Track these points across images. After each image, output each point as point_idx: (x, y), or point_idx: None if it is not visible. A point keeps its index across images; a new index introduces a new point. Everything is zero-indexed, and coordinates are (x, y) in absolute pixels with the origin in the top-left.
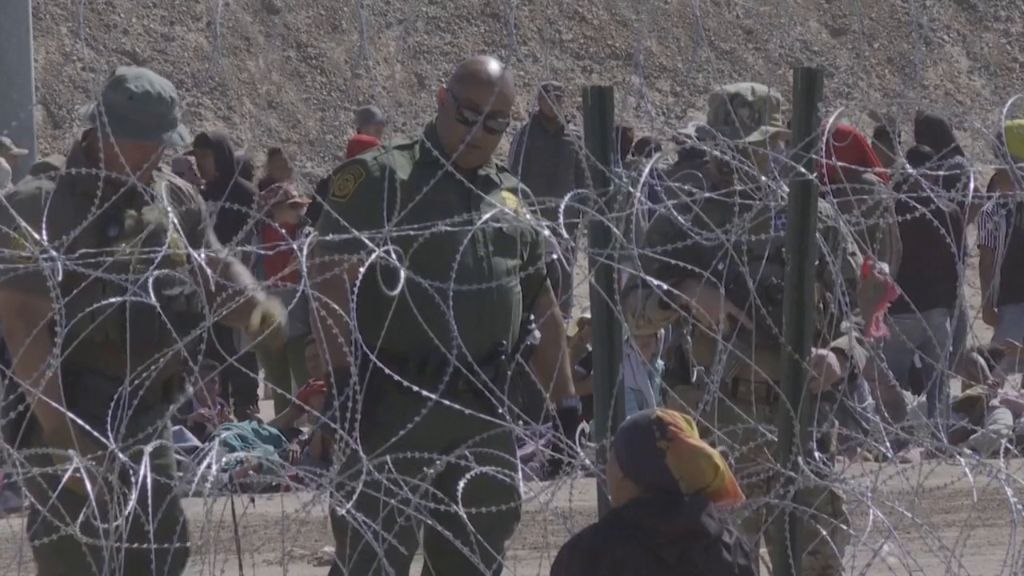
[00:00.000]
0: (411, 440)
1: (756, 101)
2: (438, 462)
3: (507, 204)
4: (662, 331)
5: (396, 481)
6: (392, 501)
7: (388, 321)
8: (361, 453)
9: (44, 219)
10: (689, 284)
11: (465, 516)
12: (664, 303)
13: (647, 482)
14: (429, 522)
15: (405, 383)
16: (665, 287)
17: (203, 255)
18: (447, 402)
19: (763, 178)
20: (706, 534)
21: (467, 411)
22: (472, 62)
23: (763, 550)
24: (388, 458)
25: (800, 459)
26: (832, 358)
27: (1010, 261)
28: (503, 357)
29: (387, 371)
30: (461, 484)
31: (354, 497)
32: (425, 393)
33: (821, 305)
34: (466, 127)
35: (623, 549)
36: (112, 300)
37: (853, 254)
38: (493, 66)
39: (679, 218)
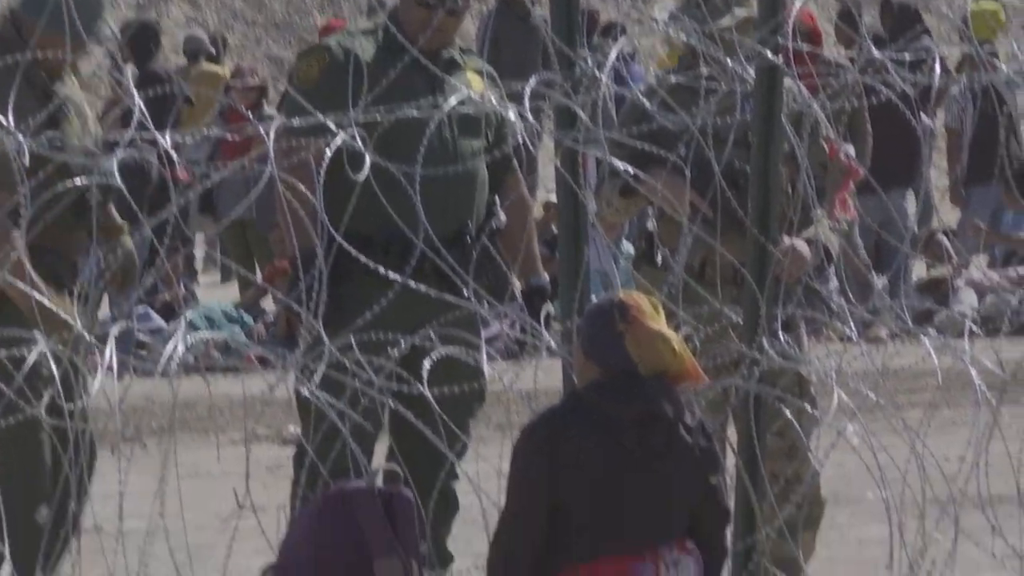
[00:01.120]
0: (376, 322)
1: None
2: (402, 343)
3: (472, 86)
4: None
5: (361, 362)
6: (356, 383)
7: (353, 205)
8: (324, 335)
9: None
10: (655, 171)
11: (430, 397)
12: (626, 190)
13: (607, 364)
14: (393, 404)
15: (370, 265)
16: (631, 170)
17: (168, 139)
18: (412, 284)
19: (729, 62)
20: (665, 417)
21: (432, 293)
22: None
23: (731, 431)
24: (352, 339)
25: (765, 340)
26: (802, 247)
27: (976, 143)
28: (468, 239)
29: (354, 253)
30: (427, 364)
31: (316, 376)
32: (392, 275)
33: (790, 190)
34: (427, 11)
35: (581, 432)
36: (80, 183)
37: (826, 138)
38: None
39: (645, 101)
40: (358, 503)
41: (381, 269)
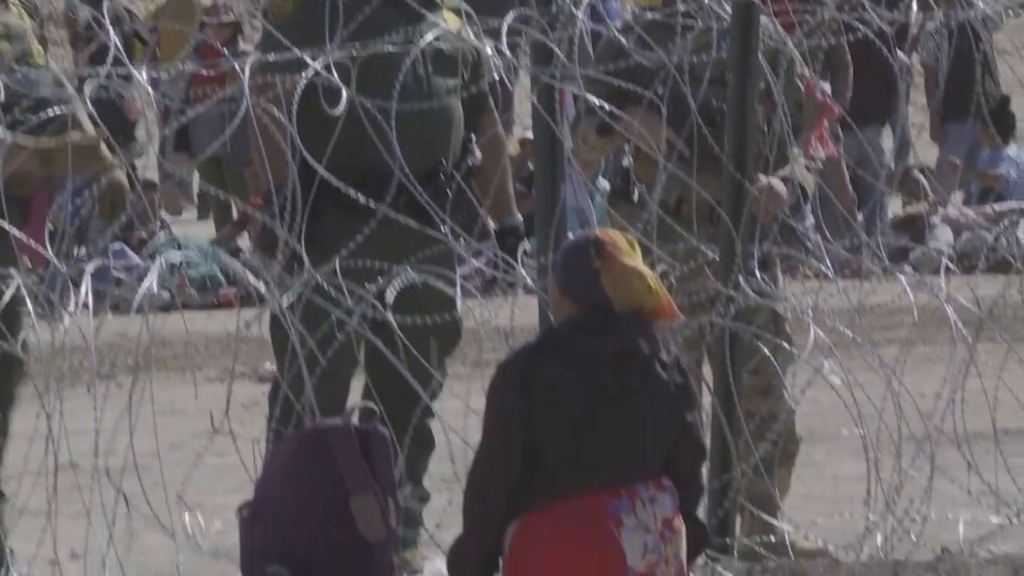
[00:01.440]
0: (351, 258)
1: None
2: (379, 278)
3: (448, 23)
4: None
5: (337, 295)
6: (334, 315)
7: (326, 139)
8: (305, 258)
9: None
10: (631, 109)
11: (405, 332)
12: (603, 128)
13: (583, 301)
14: (369, 336)
15: (349, 198)
16: (606, 107)
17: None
18: (391, 214)
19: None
20: (641, 353)
21: (413, 224)
22: None
23: (706, 369)
24: (331, 270)
25: (741, 278)
26: (778, 185)
27: (952, 81)
28: (442, 177)
29: (334, 182)
30: (392, 288)
31: (286, 296)
32: (373, 204)
33: (766, 128)
34: None
35: (556, 369)
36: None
37: (802, 76)
38: None
39: (621, 38)
40: (334, 441)
41: (360, 201)
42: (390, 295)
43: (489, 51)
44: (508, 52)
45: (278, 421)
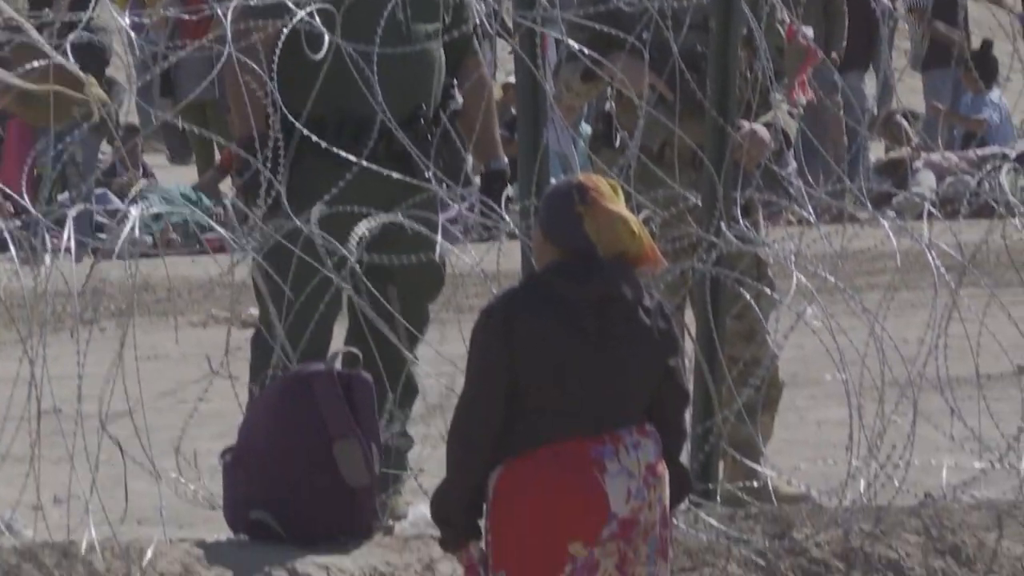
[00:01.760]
0: (331, 206)
1: None
2: (363, 228)
3: None
4: None
5: (324, 240)
6: (320, 262)
7: (305, 87)
8: (285, 205)
9: None
10: (614, 55)
11: (388, 276)
12: (587, 75)
13: (566, 246)
14: (339, 282)
15: (323, 147)
16: (587, 52)
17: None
18: (371, 166)
19: None
20: (624, 298)
21: (395, 175)
22: None
23: (689, 316)
24: (301, 220)
25: (723, 224)
26: (762, 131)
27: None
28: (423, 122)
29: (308, 134)
30: (361, 229)
31: (251, 242)
32: (354, 154)
33: (748, 73)
34: None
35: (539, 314)
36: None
37: (782, 22)
38: None
39: None
40: (317, 387)
41: (334, 150)
42: (360, 234)
43: None
44: None
45: (260, 366)
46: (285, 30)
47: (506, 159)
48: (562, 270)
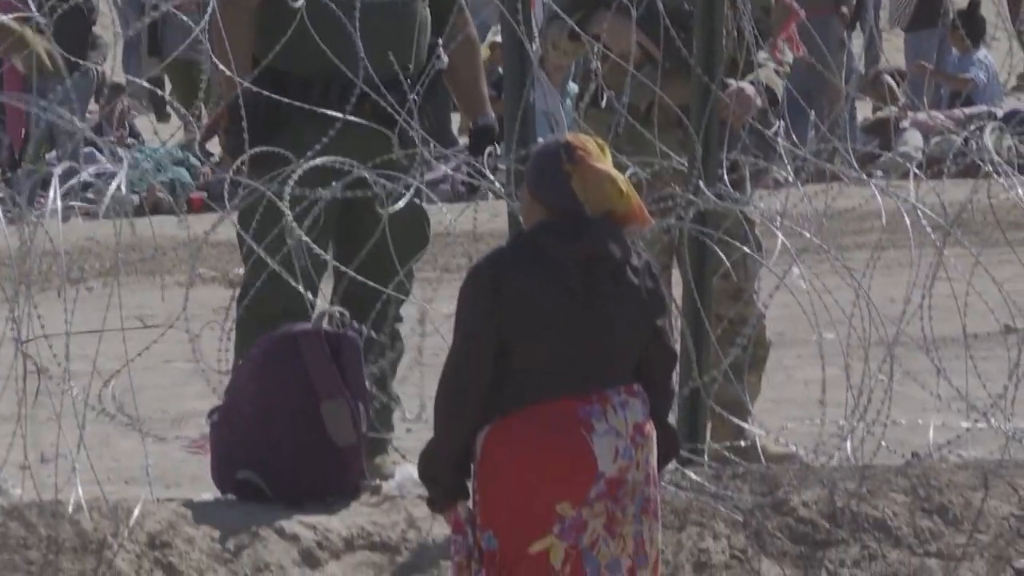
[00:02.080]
0: (320, 168)
1: None
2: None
3: None
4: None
5: (303, 198)
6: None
7: (289, 47)
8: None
9: None
10: (600, 14)
11: (372, 234)
12: (573, 33)
13: (554, 205)
14: (303, 237)
15: (311, 108)
16: (568, 14)
17: None
18: (352, 121)
19: None
20: (611, 257)
21: (386, 132)
22: None
23: (675, 275)
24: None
25: (701, 183)
26: (749, 89)
27: None
28: (408, 81)
29: (282, 98)
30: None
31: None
32: (331, 113)
33: (735, 32)
34: None
35: (527, 273)
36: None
37: None
38: None
39: None
40: (304, 345)
41: (325, 110)
42: (334, 189)
43: None
44: None
45: (245, 325)
46: None
47: (494, 115)
48: (550, 229)
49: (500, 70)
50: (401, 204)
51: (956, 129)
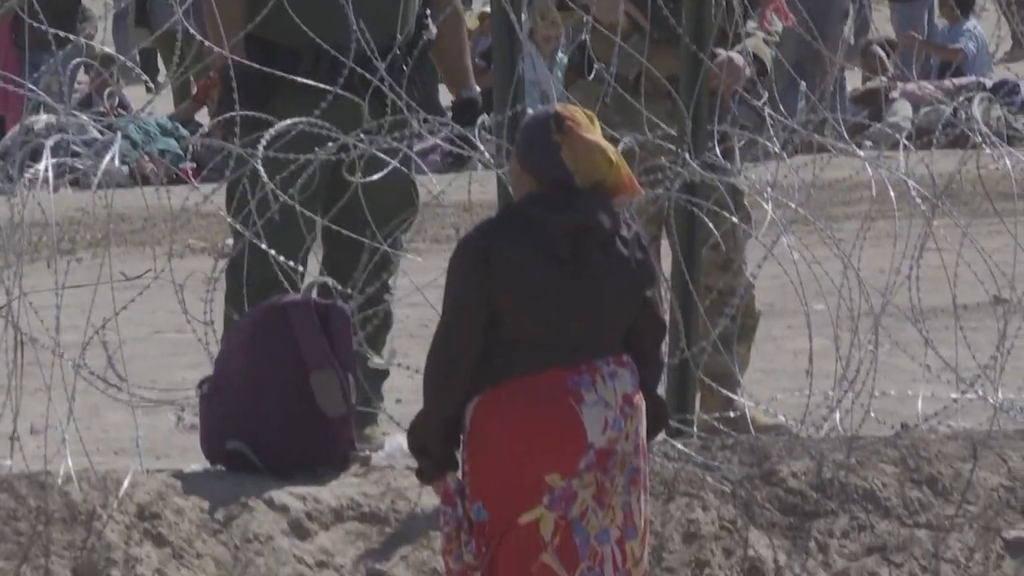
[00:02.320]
0: (306, 136)
1: None
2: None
3: None
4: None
5: (288, 163)
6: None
7: (279, 18)
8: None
9: None
10: None
11: (361, 206)
12: (562, 3)
13: (543, 176)
14: (293, 205)
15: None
16: None
17: None
18: (342, 94)
19: None
20: (601, 228)
21: (383, 108)
22: None
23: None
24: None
25: (687, 154)
26: (738, 59)
27: None
28: (397, 52)
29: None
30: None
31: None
32: (322, 86)
33: (724, 2)
34: None
35: (517, 243)
36: None
37: None
38: None
39: None
40: (294, 316)
41: (314, 82)
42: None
43: None
44: None
45: (236, 297)
46: None
47: (478, 88)
48: (539, 199)
49: (490, 40)
50: (383, 173)
51: (945, 100)
